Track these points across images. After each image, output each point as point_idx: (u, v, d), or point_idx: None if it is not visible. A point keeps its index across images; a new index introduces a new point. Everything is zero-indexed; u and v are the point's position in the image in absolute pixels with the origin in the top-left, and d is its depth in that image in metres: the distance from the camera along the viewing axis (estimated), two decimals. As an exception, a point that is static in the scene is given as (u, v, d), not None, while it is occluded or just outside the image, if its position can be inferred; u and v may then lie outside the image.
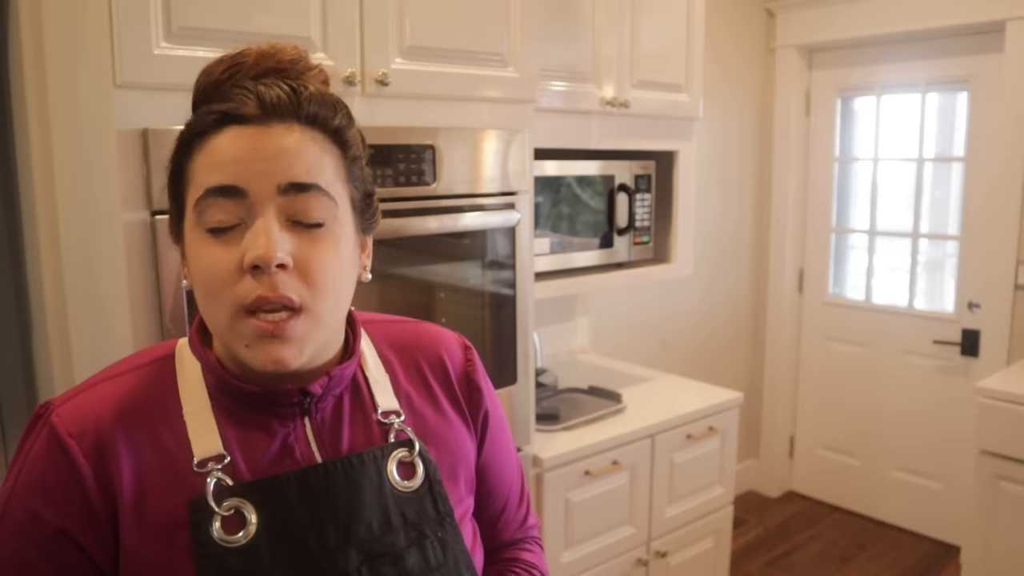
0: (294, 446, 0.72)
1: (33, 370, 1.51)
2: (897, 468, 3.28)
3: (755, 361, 3.61)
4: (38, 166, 1.31)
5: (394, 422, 0.78)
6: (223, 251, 0.66)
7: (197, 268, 0.68)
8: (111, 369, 0.75)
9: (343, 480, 0.72)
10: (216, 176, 0.66)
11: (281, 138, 0.67)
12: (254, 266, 0.64)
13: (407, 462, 0.76)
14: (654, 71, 2.23)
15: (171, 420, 0.71)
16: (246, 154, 0.66)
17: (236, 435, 0.71)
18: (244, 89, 0.68)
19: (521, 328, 1.76)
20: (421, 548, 0.73)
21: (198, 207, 0.67)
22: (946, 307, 3.13)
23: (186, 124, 0.70)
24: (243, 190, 0.66)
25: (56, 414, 0.69)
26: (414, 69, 1.51)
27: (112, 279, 1.20)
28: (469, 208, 1.61)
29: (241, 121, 0.67)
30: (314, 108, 0.69)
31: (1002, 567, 2.34)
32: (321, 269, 0.68)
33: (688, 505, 2.24)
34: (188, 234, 0.69)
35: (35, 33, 1.26)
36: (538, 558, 0.94)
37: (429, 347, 0.86)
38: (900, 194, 3.23)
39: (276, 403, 0.72)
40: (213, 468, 0.69)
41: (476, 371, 0.87)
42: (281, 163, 0.66)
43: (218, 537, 0.67)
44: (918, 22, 2.90)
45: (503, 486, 0.91)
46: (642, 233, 2.32)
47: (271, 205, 0.66)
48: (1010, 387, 2.29)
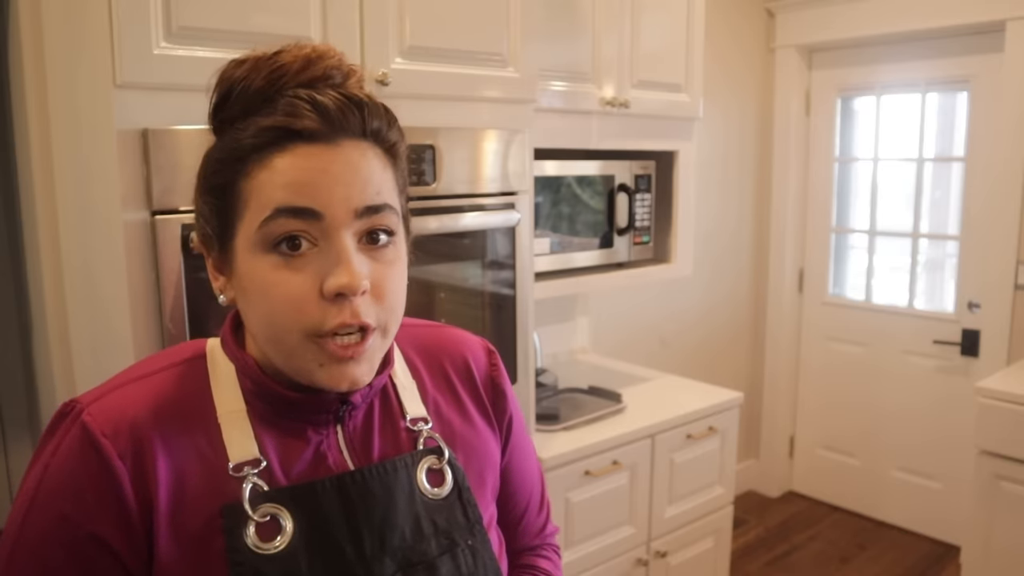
0: (327, 453, 0.71)
1: (33, 370, 1.51)
2: (897, 468, 3.28)
3: (755, 361, 3.61)
4: (38, 166, 1.31)
5: (423, 429, 0.77)
6: (294, 276, 0.64)
7: (264, 292, 0.65)
8: (139, 368, 0.73)
9: (378, 487, 0.71)
10: (287, 196, 0.63)
11: (351, 158, 0.65)
12: (338, 294, 0.63)
13: (436, 469, 0.76)
14: (654, 71, 2.23)
15: (206, 422, 0.69)
16: (319, 176, 0.64)
17: (272, 440, 0.70)
18: (301, 100, 0.64)
19: (521, 328, 1.76)
20: (453, 556, 0.73)
21: (265, 228, 0.64)
22: (946, 307, 3.13)
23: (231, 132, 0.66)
24: (319, 213, 0.63)
25: (88, 413, 0.66)
26: (414, 69, 1.51)
27: (112, 279, 1.20)
28: (469, 208, 1.61)
29: (306, 138, 0.64)
30: (377, 123, 0.68)
31: (1002, 567, 2.34)
32: (392, 290, 0.68)
33: (688, 505, 2.24)
34: (244, 255, 0.66)
35: (35, 33, 1.26)
36: (555, 566, 0.94)
37: (454, 351, 0.85)
38: (900, 194, 3.23)
39: (314, 410, 0.71)
40: (249, 472, 0.67)
41: (501, 376, 0.87)
42: (355, 187, 0.65)
43: (253, 544, 0.65)
44: (918, 22, 2.90)
45: (524, 491, 0.91)
46: (642, 233, 2.32)
47: (348, 229, 0.65)
48: (1010, 387, 2.29)
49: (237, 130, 0.66)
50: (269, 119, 0.64)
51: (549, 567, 0.92)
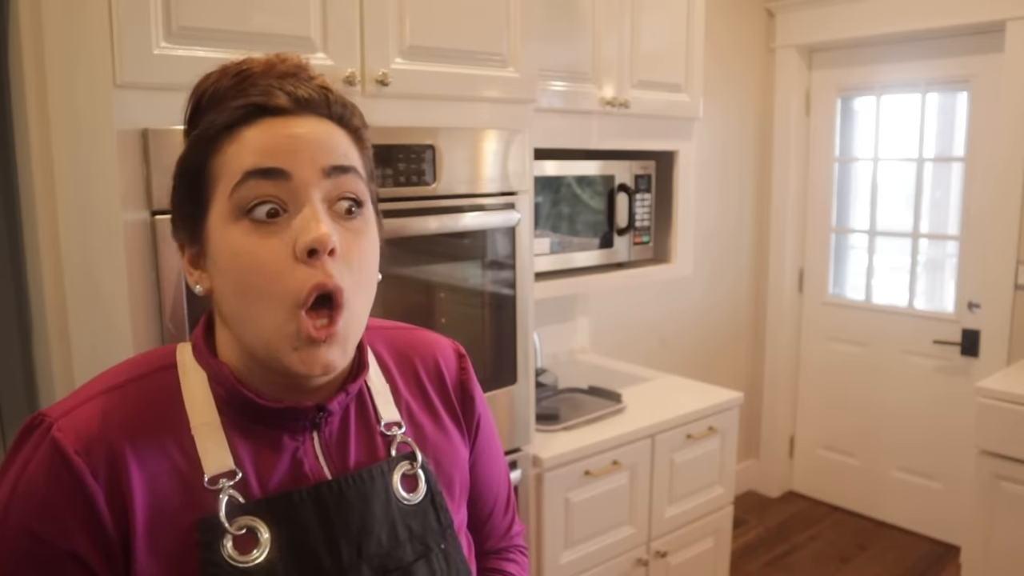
0: (303, 460, 0.71)
1: (33, 370, 1.51)
2: (897, 468, 3.28)
3: (755, 361, 3.61)
4: (38, 166, 1.31)
5: (396, 434, 0.77)
6: (266, 241, 0.64)
7: (236, 263, 0.65)
8: (107, 379, 0.71)
9: (355, 496, 0.71)
10: (257, 159, 0.65)
11: (317, 128, 0.67)
12: (310, 250, 0.63)
13: (410, 475, 0.76)
14: (654, 71, 2.23)
15: (179, 435, 0.68)
16: (285, 140, 0.65)
17: (247, 450, 0.69)
18: (271, 86, 0.67)
19: (521, 328, 1.76)
20: (427, 561, 0.73)
21: (236, 193, 0.64)
22: (946, 307, 3.13)
23: (204, 122, 0.68)
24: (287, 172, 0.64)
25: (58, 428, 0.64)
26: (414, 69, 1.51)
27: (112, 279, 1.20)
28: (469, 208, 1.61)
29: (273, 113, 0.66)
30: (339, 108, 0.70)
31: (1002, 567, 2.34)
32: (363, 258, 0.68)
33: (688, 505, 2.24)
34: (218, 231, 0.66)
35: (35, 33, 1.26)
36: (523, 568, 0.94)
37: (426, 353, 0.85)
38: (900, 194, 3.23)
39: (291, 418, 0.70)
40: (225, 485, 0.66)
41: (470, 379, 0.87)
42: (321, 148, 0.66)
43: (230, 557, 0.64)
44: (918, 22, 2.90)
45: (490, 493, 0.91)
46: (642, 233, 2.32)
47: (316, 190, 0.65)
48: (1010, 387, 2.29)
49: (210, 118, 0.68)
50: (241, 99, 0.67)
51: (515, 570, 0.92)
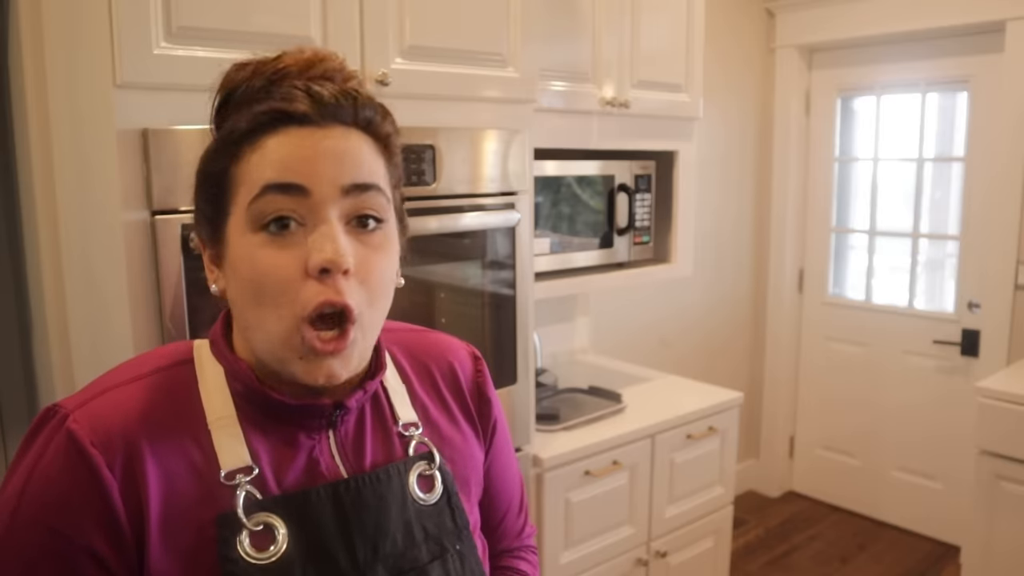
0: (319, 459, 0.71)
1: (33, 370, 1.51)
2: (897, 468, 3.28)
3: (755, 361, 3.61)
4: (38, 166, 1.31)
5: (414, 435, 0.77)
6: (281, 254, 0.64)
7: (250, 272, 0.64)
8: (124, 372, 0.70)
9: (371, 495, 0.70)
10: (276, 173, 0.64)
11: (341, 140, 0.66)
12: (322, 269, 0.63)
13: (427, 475, 0.76)
14: (654, 71, 2.23)
15: (195, 429, 0.67)
16: (307, 153, 0.64)
17: (263, 445, 0.69)
18: (296, 89, 0.66)
19: (521, 328, 1.76)
20: (443, 562, 0.73)
21: (254, 205, 0.64)
22: (946, 307, 3.13)
23: (228, 124, 0.67)
24: (307, 189, 0.63)
25: (74, 419, 0.64)
26: (414, 69, 1.51)
27: (112, 279, 1.20)
28: (469, 208, 1.61)
29: (297, 121, 0.65)
30: (369, 113, 0.68)
31: (1002, 567, 2.34)
32: (378, 277, 0.67)
33: (688, 505, 2.24)
34: (235, 238, 0.66)
35: (35, 33, 1.26)
36: (533, 567, 0.95)
37: (440, 356, 0.85)
38: (900, 194, 3.23)
39: (308, 415, 0.70)
40: (242, 480, 0.66)
41: (486, 382, 0.87)
42: (344, 165, 0.65)
43: (247, 553, 0.64)
44: (918, 22, 2.90)
45: (505, 495, 0.91)
46: (642, 233, 2.32)
47: (334, 207, 0.64)
48: (1010, 387, 2.29)
49: (233, 121, 0.67)
50: (263, 104, 0.65)
51: (527, 568, 0.93)
